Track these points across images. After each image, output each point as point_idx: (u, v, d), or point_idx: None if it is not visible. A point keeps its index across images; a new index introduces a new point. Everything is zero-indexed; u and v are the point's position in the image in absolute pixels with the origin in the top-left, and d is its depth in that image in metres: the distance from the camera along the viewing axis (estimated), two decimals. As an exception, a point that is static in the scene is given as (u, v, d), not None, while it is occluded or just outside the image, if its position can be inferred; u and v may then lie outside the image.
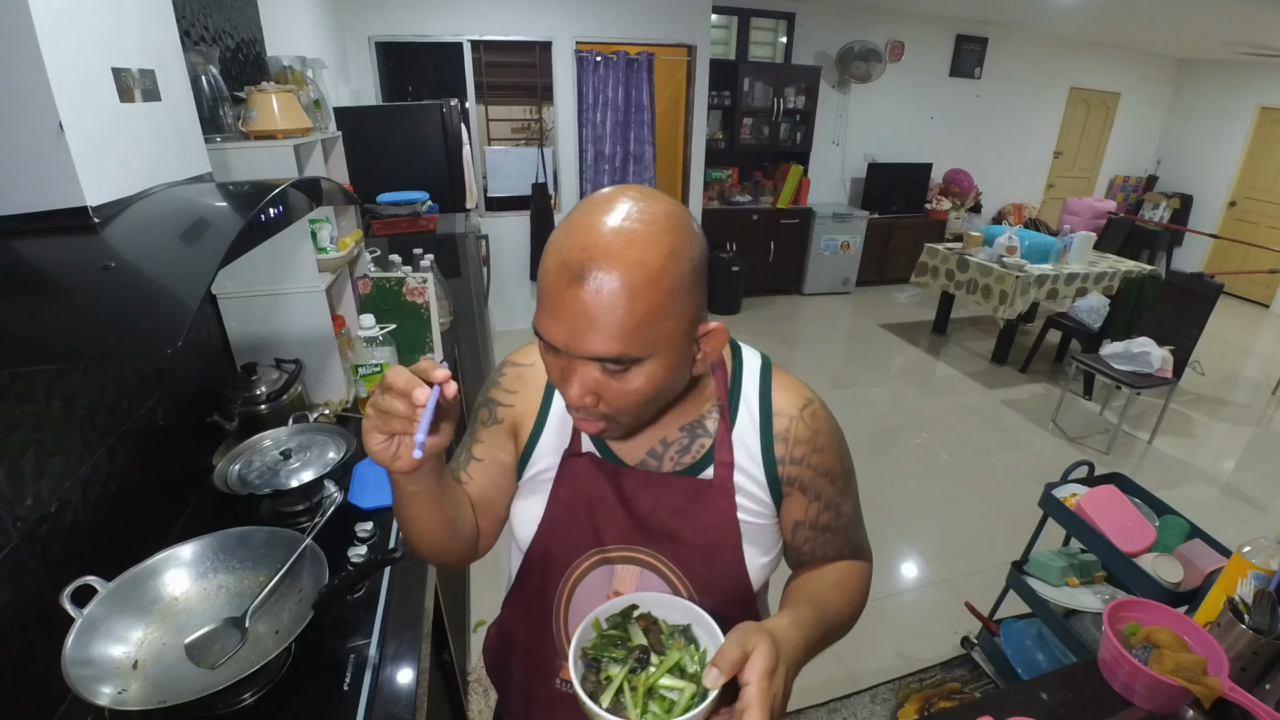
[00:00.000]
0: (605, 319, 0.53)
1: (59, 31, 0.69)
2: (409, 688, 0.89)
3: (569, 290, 0.53)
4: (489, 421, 0.77)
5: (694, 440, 0.71)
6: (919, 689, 1.92)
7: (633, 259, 0.52)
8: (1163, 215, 6.68)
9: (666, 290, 0.54)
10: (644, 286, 0.53)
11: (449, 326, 2.24)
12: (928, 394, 3.98)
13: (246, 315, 1.50)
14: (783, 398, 0.72)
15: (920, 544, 2.60)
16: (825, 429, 0.73)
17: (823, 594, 0.71)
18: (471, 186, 3.41)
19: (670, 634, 0.61)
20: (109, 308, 0.65)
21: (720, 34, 5.30)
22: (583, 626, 0.60)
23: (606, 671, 0.58)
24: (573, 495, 0.73)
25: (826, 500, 0.74)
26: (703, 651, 0.59)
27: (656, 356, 0.57)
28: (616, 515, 0.72)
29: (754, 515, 0.72)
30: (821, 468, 0.72)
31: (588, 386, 0.58)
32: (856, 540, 0.79)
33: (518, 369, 0.78)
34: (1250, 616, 0.91)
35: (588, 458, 0.73)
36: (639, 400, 0.59)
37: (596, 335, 0.54)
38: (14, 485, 0.82)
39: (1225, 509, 2.90)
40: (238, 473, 1.20)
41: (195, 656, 0.83)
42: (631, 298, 0.52)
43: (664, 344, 0.56)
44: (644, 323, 0.54)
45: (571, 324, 0.54)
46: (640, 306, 0.53)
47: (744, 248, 5.23)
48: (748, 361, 0.74)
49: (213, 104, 1.33)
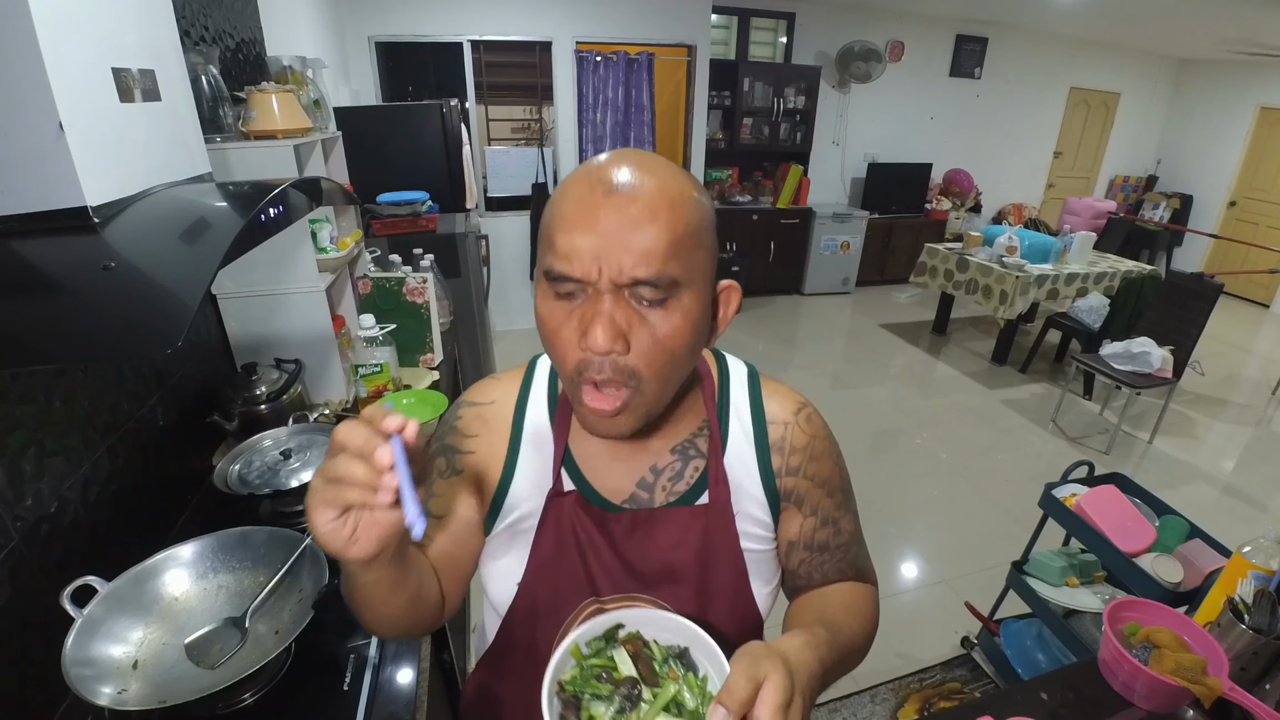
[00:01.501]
0: (648, 225, 0.48)
1: (59, 31, 0.69)
2: (409, 688, 0.89)
3: (605, 200, 0.48)
4: (446, 472, 0.67)
5: (687, 464, 0.65)
6: (919, 689, 1.92)
7: (665, 172, 0.50)
8: (1163, 215, 6.68)
9: (700, 213, 0.51)
10: (681, 199, 0.49)
11: (449, 326, 2.23)
12: (928, 394, 3.98)
13: (246, 315, 1.50)
14: (775, 404, 0.68)
15: (920, 544, 2.60)
16: (822, 435, 0.69)
17: (834, 615, 0.63)
18: (471, 186, 3.41)
19: (664, 660, 0.52)
20: (109, 308, 0.65)
21: (720, 34, 5.30)
22: (558, 655, 0.50)
23: (589, 711, 0.49)
24: (562, 539, 0.64)
25: (824, 516, 0.68)
26: (703, 679, 0.51)
27: (693, 289, 0.51)
28: (609, 562, 0.64)
29: (756, 541, 0.66)
30: (819, 478, 0.67)
31: (618, 326, 0.49)
32: (859, 562, 0.72)
33: (476, 409, 0.69)
34: (1250, 616, 0.91)
35: (572, 497, 0.64)
36: (672, 351, 0.52)
37: (637, 246, 0.47)
38: (14, 485, 0.82)
39: (1225, 509, 2.90)
40: (238, 473, 1.20)
41: (195, 656, 0.83)
42: (673, 206, 0.49)
43: (699, 277, 0.51)
44: (685, 237, 0.49)
45: (605, 237, 0.47)
46: (682, 217, 0.49)
47: (744, 248, 5.23)
48: (734, 369, 0.69)
49: (213, 104, 1.33)
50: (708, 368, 0.69)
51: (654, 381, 0.53)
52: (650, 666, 0.51)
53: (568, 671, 0.51)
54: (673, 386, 0.56)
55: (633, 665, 0.51)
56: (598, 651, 0.52)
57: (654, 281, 0.48)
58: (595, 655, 0.52)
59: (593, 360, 0.51)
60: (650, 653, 0.52)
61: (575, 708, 0.49)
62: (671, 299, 0.50)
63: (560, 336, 0.52)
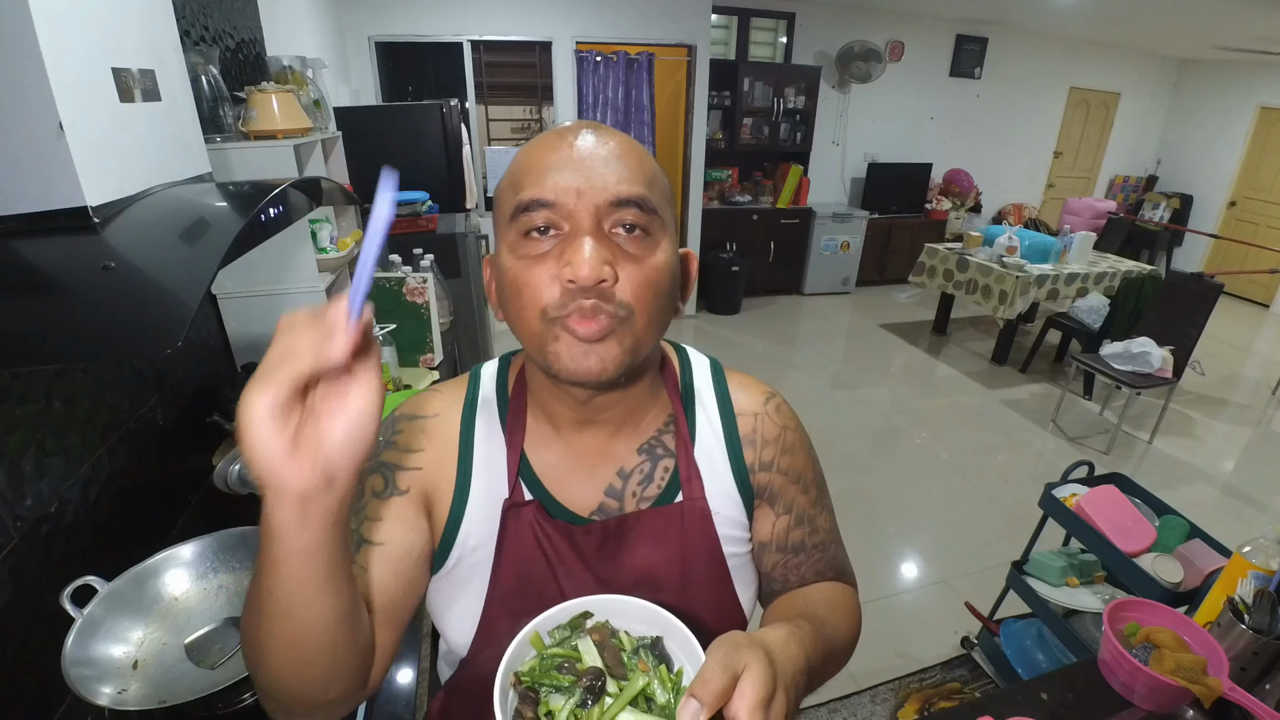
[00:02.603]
0: (622, 156, 0.49)
1: (59, 31, 0.69)
2: (409, 688, 0.89)
3: (575, 139, 0.49)
4: (385, 492, 0.56)
5: (655, 465, 0.60)
6: (919, 689, 1.92)
7: (622, 134, 0.52)
8: (1163, 215, 6.68)
9: (655, 166, 0.52)
10: (642, 150, 0.52)
11: (449, 326, 2.23)
12: (928, 394, 3.97)
13: (246, 315, 1.50)
14: (743, 395, 0.64)
15: (920, 544, 2.60)
16: (793, 425, 0.65)
17: (817, 611, 0.58)
18: (471, 186, 3.41)
19: (634, 651, 0.46)
20: (109, 308, 0.65)
21: (720, 34, 5.29)
22: (516, 643, 0.45)
23: (546, 705, 0.44)
24: (524, 558, 0.57)
25: (799, 514, 0.64)
26: (677, 673, 0.46)
27: (665, 233, 0.51)
28: (582, 579, 0.58)
29: (736, 543, 0.62)
30: (792, 472, 0.63)
31: (603, 254, 0.47)
32: (837, 562, 0.67)
33: (417, 422, 0.60)
34: (1250, 616, 0.91)
35: (532, 508, 0.57)
36: (657, 285, 0.50)
37: (616, 171, 0.48)
38: (14, 485, 0.82)
39: (1225, 509, 2.90)
40: (238, 473, 1.21)
41: (195, 656, 0.83)
42: (642, 151, 0.51)
43: (671, 228, 0.53)
44: (657, 181, 0.51)
45: (583, 167, 0.48)
46: (651, 165, 0.51)
47: (744, 248, 5.23)
48: (695, 360, 0.66)
49: (213, 104, 1.33)
50: (668, 356, 0.64)
51: (642, 315, 0.49)
52: (618, 657, 0.46)
53: (526, 662, 0.46)
54: (656, 332, 0.52)
55: (599, 655, 0.46)
56: (561, 641, 0.47)
57: (639, 201, 0.47)
58: (559, 645, 0.47)
59: (575, 294, 0.47)
60: (619, 643, 0.47)
61: (533, 701, 0.44)
62: (657, 232, 0.50)
63: (531, 276, 0.48)
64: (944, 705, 1.87)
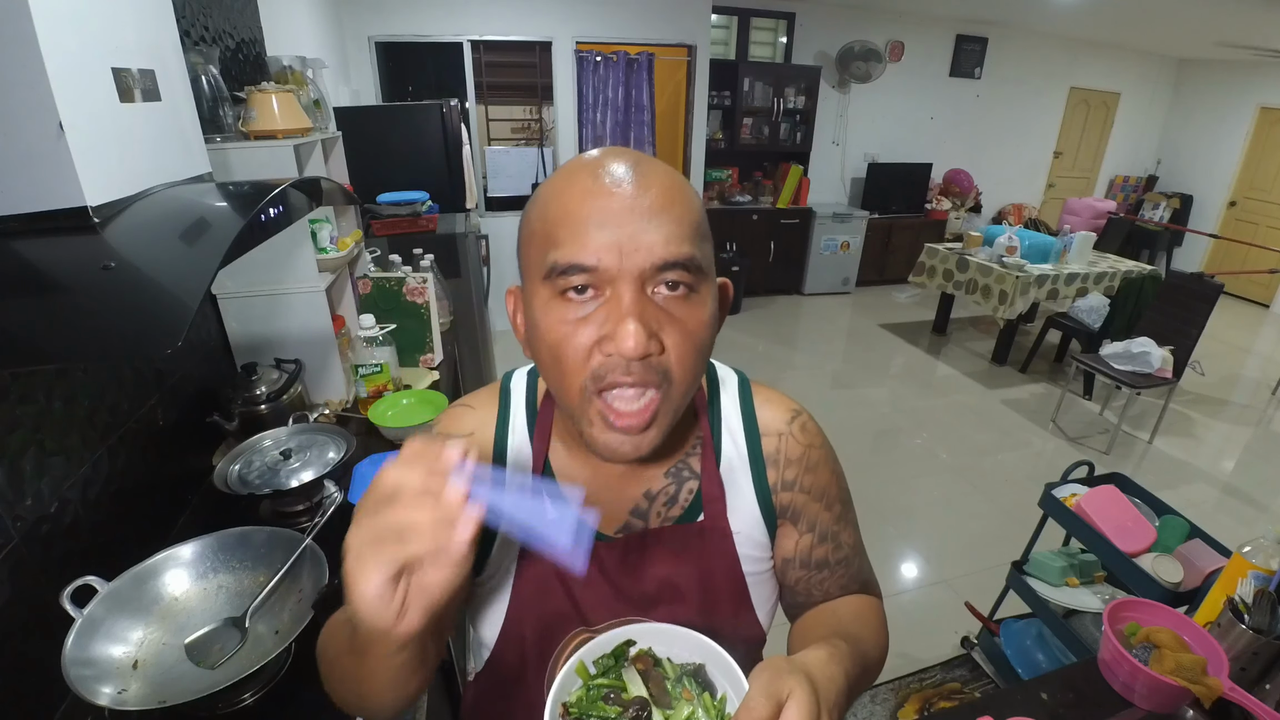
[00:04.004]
0: (670, 205, 0.44)
1: (59, 31, 0.69)
2: (409, 688, 0.89)
3: (616, 189, 0.43)
4: None
5: (681, 486, 0.61)
6: (919, 689, 1.92)
7: (661, 163, 0.48)
8: (1163, 215, 6.68)
9: (700, 204, 0.48)
10: (686, 187, 0.47)
11: (449, 326, 2.23)
12: (928, 394, 3.97)
13: (246, 315, 1.50)
14: (768, 413, 0.64)
15: (920, 544, 2.60)
16: (818, 443, 0.65)
17: (849, 628, 0.59)
18: (471, 186, 3.41)
19: (678, 679, 0.48)
20: (109, 308, 0.65)
21: (720, 34, 5.30)
22: (563, 674, 0.46)
23: None
24: (542, 570, 0.59)
25: (822, 531, 0.64)
26: (720, 699, 0.47)
27: (710, 278, 0.48)
28: (600, 591, 0.59)
29: (755, 562, 0.63)
30: (815, 490, 0.63)
31: (649, 324, 0.44)
32: (862, 575, 0.68)
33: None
34: (1250, 616, 0.91)
35: None
36: (701, 345, 0.48)
37: (663, 229, 0.43)
38: (14, 485, 0.82)
39: (1225, 509, 2.90)
40: (238, 473, 1.20)
41: (195, 656, 0.83)
42: (684, 191, 0.46)
43: (712, 267, 0.48)
44: (701, 223, 0.47)
45: (624, 224, 0.43)
46: (694, 203, 0.46)
47: (744, 248, 5.23)
48: (724, 379, 0.65)
49: (213, 104, 1.33)
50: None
51: (683, 383, 0.48)
52: (662, 686, 0.47)
53: (573, 693, 0.47)
54: (693, 390, 0.51)
55: (643, 684, 0.47)
56: (606, 670, 0.48)
57: (686, 264, 0.44)
58: (603, 674, 0.48)
59: (617, 363, 0.45)
60: (663, 671, 0.48)
61: None
62: (701, 286, 0.47)
63: (571, 345, 0.45)
64: (944, 705, 1.87)
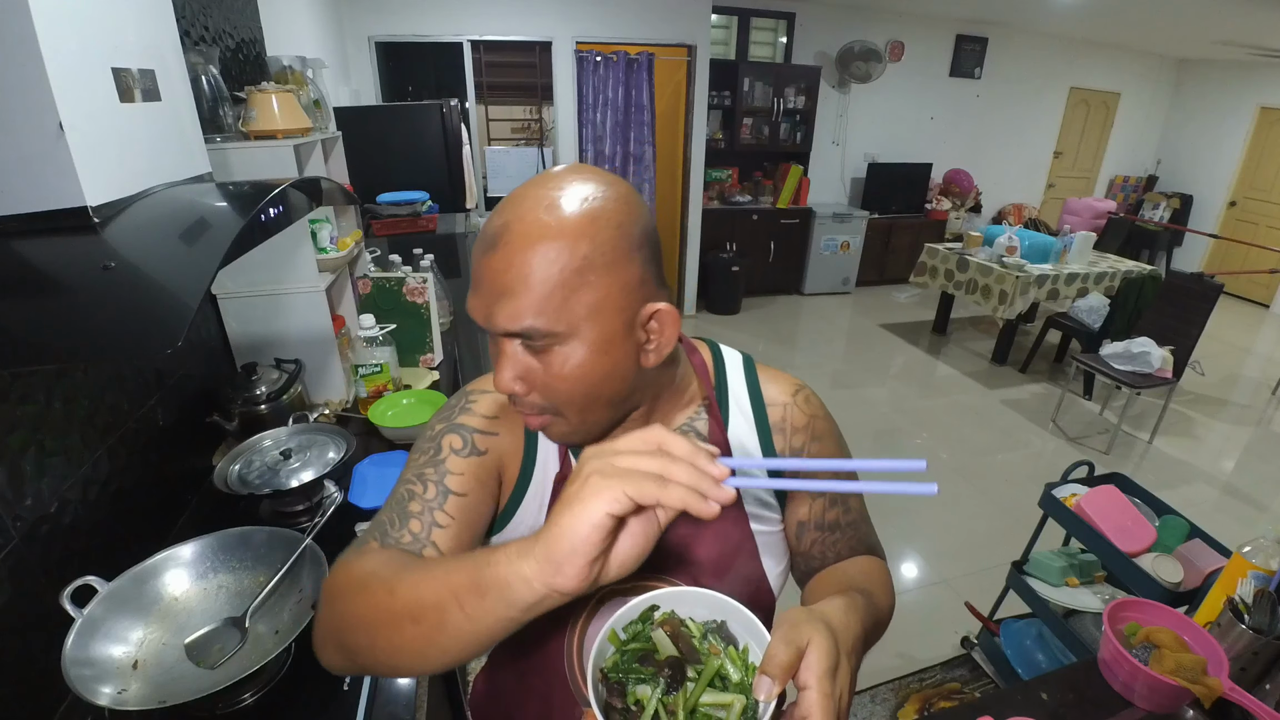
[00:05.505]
0: (514, 286, 0.49)
1: (59, 31, 0.69)
2: (409, 688, 0.89)
3: (484, 259, 0.51)
4: (465, 451, 0.61)
5: None
6: (919, 689, 1.92)
7: (547, 223, 0.49)
8: (1163, 215, 6.68)
9: (582, 257, 0.49)
10: (555, 252, 0.48)
11: (449, 326, 2.23)
12: (928, 394, 3.97)
13: (246, 315, 1.50)
14: (773, 387, 0.69)
15: (920, 544, 2.60)
16: (821, 414, 0.70)
17: (860, 583, 0.62)
18: (471, 186, 3.41)
19: (703, 636, 0.51)
20: (109, 308, 0.65)
21: (720, 34, 5.29)
22: (599, 642, 0.49)
23: (634, 695, 0.48)
24: None
25: (833, 494, 0.69)
26: (744, 650, 0.51)
27: (580, 337, 0.51)
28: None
29: (764, 523, 0.67)
30: (824, 457, 0.68)
31: (515, 370, 0.52)
32: (869, 539, 0.73)
33: (490, 395, 0.65)
34: (1250, 616, 0.91)
35: None
36: (572, 389, 0.53)
37: (506, 305, 0.49)
38: (14, 485, 0.82)
39: (1225, 509, 2.90)
40: (238, 473, 1.20)
41: (195, 656, 0.83)
42: (542, 264, 0.48)
43: (587, 322, 0.50)
44: (556, 291, 0.49)
45: (486, 295, 0.51)
46: (550, 273, 0.48)
47: (744, 248, 5.23)
48: (729, 359, 0.70)
49: (213, 104, 1.33)
50: (703, 358, 0.69)
51: (571, 410, 0.54)
52: (690, 644, 0.50)
53: (608, 658, 0.50)
54: (601, 408, 0.56)
55: (673, 645, 0.50)
56: (635, 635, 0.51)
57: (527, 334, 0.50)
58: (634, 639, 0.51)
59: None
60: (688, 630, 0.51)
61: (620, 693, 0.48)
62: (557, 347, 0.51)
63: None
64: (944, 705, 1.87)
